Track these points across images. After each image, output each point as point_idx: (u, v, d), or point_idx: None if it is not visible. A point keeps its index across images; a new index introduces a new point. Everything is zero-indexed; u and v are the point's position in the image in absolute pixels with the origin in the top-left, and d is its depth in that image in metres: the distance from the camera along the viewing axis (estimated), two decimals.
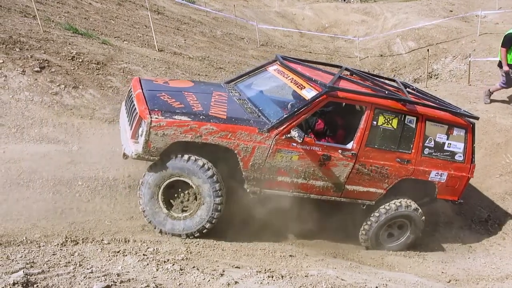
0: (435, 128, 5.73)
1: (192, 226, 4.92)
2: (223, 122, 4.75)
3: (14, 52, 7.21)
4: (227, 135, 4.71)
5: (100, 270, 3.58)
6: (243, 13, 18.82)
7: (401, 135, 5.50)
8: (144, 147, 4.54)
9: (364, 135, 5.29)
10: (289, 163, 5.08)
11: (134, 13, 13.48)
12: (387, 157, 5.48)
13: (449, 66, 14.20)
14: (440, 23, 16.60)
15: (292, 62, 6.25)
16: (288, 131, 4.92)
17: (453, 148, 5.85)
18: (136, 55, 9.37)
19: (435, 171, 5.78)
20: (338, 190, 5.48)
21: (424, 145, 5.66)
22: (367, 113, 5.28)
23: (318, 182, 5.33)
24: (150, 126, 4.47)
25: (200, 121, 4.65)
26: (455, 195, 6.12)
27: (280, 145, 4.95)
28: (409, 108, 5.46)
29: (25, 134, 6.04)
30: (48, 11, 10.14)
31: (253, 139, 4.83)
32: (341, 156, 5.25)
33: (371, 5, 22.09)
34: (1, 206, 4.83)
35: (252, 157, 4.90)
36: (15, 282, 2.99)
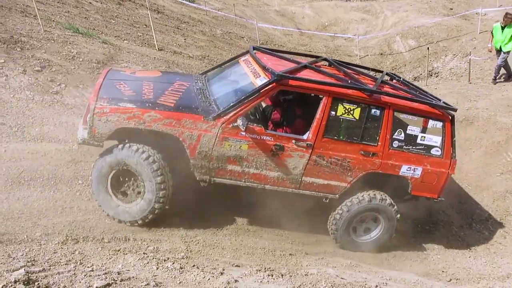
0: (406, 119, 5.43)
1: (141, 211, 4.95)
2: (168, 109, 4.79)
3: (15, 51, 7.23)
4: (171, 123, 4.75)
5: (101, 269, 3.60)
6: (242, 12, 18.81)
7: (364, 126, 5.19)
8: (89, 133, 4.73)
9: (321, 125, 5.05)
10: (239, 152, 4.96)
11: (134, 12, 13.48)
12: (349, 149, 5.19)
13: (449, 64, 14.20)
14: (440, 21, 16.59)
15: (264, 52, 6.14)
16: (235, 120, 4.83)
17: (428, 141, 5.44)
18: (136, 54, 9.38)
19: (407, 165, 5.39)
20: (295, 182, 5.26)
21: (393, 137, 5.31)
22: (323, 102, 5.03)
23: (272, 172, 5.16)
24: (94, 112, 4.67)
25: (144, 108, 4.74)
26: (433, 193, 5.67)
27: (227, 134, 4.87)
28: (373, 98, 5.13)
29: (26, 133, 6.07)
30: (48, 11, 10.15)
31: (198, 127, 4.81)
32: (295, 146, 5.05)
33: (371, 3, 22.05)
34: (2, 204, 4.85)
35: (198, 145, 4.85)
36: (16, 280, 3.01)
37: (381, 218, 5.64)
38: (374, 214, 5.64)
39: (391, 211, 5.55)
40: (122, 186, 5.03)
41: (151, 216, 4.97)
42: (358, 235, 5.80)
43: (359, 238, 5.79)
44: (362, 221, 5.73)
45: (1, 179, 5.21)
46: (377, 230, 5.75)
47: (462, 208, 7.57)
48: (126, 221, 5.00)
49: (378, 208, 5.54)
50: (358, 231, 5.79)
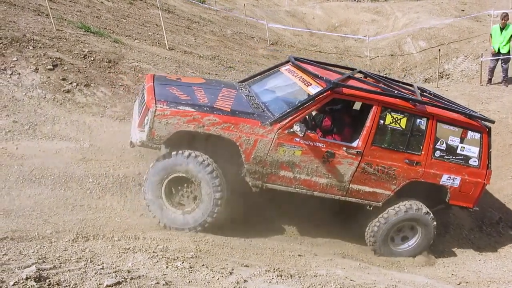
0: (448, 130, 5.55)
1: (193, 221, 4.98)
2: (226, 114, 4.86)
3: (28, 50, 7.29)
4: (229, 127, 4.80)
5: (111, 267, 3.62)
6: (253, 12, 18.82)
7: (410, 136, 5.36)
8: (148, 135, 4.74)
9: (370, 134, 5.20)
10: (292, 158, 5.05)
11: (145, 12, 13.55)
12: (395, 157, 5.34)
13: (460, 66, 14.09)
14: (452, 22, 16.47)
15: (304, 62, 6.26)
16: (291, 126, 4.91)
17: (467, 152, 5.62)
18: (147, 54, 9.43)
19: (447, 175, 5.54)
20: (343, 189, 5.38)
21: (435, 147, 5.47)
22: (373, 111, 5.20)
23: (321, 179, 5.25)
24: (155, 115, 4.67)
25: (203, 112, 4.80)
26: (469, 202, 5.82)
27: (282, 139, 4.95)
28: (418, 108, 5.33)
29: (37, 131, 6.12)
30: (60, 10, 10.24)
31: (255, 132, 4.87)
32: (345, 153, 5.16)
33: (382, 4, 21.95)
34: (14, 201, 4.89)
35: (254, 150, 4.92)
36: (28, 276, 3.03)
37: (418, 227, 5.74)
38: (411, 224, 5.74)
39: (427, 219, 5.65)
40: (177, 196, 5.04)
41: (210, 219, 4.97)
42: (396, 245, 5.88)
43: (397, 248, 5.88)
44: (399, 230, 5.82)
45: (13, 176, 5.25)
46: (415, 238, 5.84)
47: (473, 211, 7.49)
48: (196, 225, 5.00)
49: (414, 218, 5.64)
50: (396, 240, 5.87)
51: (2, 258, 3.49)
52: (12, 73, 6.77)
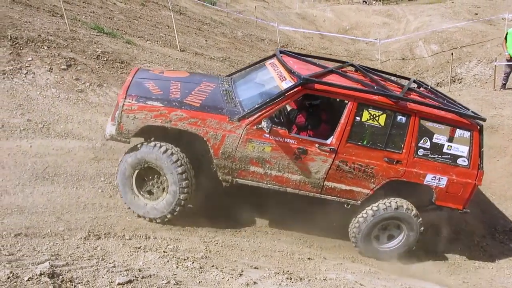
0: (432, 128, 5.33)
1: (162, 209, 5.02)
2: (194, 109, 4.86)
3: (42, 50, 7.39)
4: (197, 122, 4.82)
5: (122, 265, 3.65)
6: (263, 15, 18.86)
7: (389, 133, 5.14)
8: (117, 129, 4.86)
9: (345, 131, 5.03)
10: (262, 153, 4.98)
11: (157, 13, 13.66)
12: (373, 155, 5.15)
13: (473, 70, 13.96)
14: (465, 26, 16.35)
15: (290, 56, 6.14)
16: (260, 122, 4.85)
17: (455, 151, 5.33)
18: (158, 55, 9.50)
19: (432, 174, 5.29)
20: (317, 186, 5.24)
21: (418, 145, 5.23)
22: (348, 108, 5.02)
23: (294, 176, 5.15)
24: (122, 109, 4.79)
25: (171, 107, 4.83)
26: (458, 203, 5.53)
27: (251, 135, 4.90)
28: (399, 105, 5.09)
29: (51, 129, 6.19)
30: (74, 11, 10.36)
31: (223, 128, 4.86)
32: (318, 150, 5.04)
33: (393, 7, 21.88)
34: (28, 198, 4.95)
35: (222, 145, 4.91)
36: (41, 272, 3.07)
37: (402, 225, 5.54)
38: (397, 223, 5.55)
39: (410, 217, 5.43)
40: (147, 185, 5.10)
41: (178, 208, 5.00)
42: (380, 243, 5.70)
43: (381, 246, 5.70)
44: (384, 228, 5.64)
45: (26, 173, 5.33)
46: (399, 239, 5.65)
47: (485, 217, 7.41)
48: (156, 218, 5.05)
49: (402, 217, 5.44)
50: (380, 239, 5.70)
51: (17, 253, 3.55)
52: (27, 72, 6.86)
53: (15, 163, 5.41)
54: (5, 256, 3.47)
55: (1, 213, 4.60)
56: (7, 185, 5.06)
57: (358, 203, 5.42)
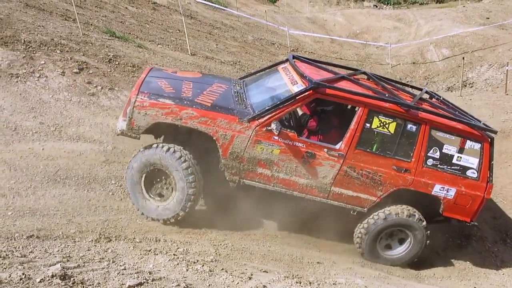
0: (443, 138, 5.26)
1: (166, 212, 5.08)
2: (205, 108, 4.91)
3: (55, 53, 7.49)
4: (207, 121, 4.86)
5: (133, 268, 3.67)
6: (274, 19, 18.90)
7: (399, 141, 5.13)
8: (128, 124, 4.92)
9: (354, 137, 5.03)
10: (270, 156, 5.00)
11: (168, 17, 13.76)
12: (381, 163, 5.13)
13: (484, 74, 13.85)
14: (476, 30, 16.23)
15: (303, 61, 6.15)
16: (269, 124, 4.87)
17: (465, 162, 5.27)
18: (169, 59, 9.57)
19: (440, 185, 5.24)
20: (324, 191, 5.23)
21: (427, 155, 5.19)
22: (358, 114, 5.04)
23: (301, 179, 5.15)
24: (134, 105, 4.86)
25: (182, 105, 4.88)
26: (466, 216, 5.45)
27: (260, 137, 4.93)
28: (410, 113, 5.08)
29: (63, 132, 6.26)
30: (87, 15, 10.49)
31: (233, 128, 4.89)
32: (327, 155, 5.04)
33: (404, 12, 21.80)
34: (40, 200, 5.01)
35: (231, 146, 4.93)
36: (53, 274, 3.11)
37: (410, 237, 5.49)
38: (402, 230, 5.50)
39: (417, 226, 5.37)
40: (156, 188, 5.15)
41: (189, 204, 5.03)
42: (386, 250, 5.66)
43: (386, 253, 5.66)
44: (390, 235, 5.61)
45: (38, 176, 5.39)
46: (403, 248, 5.60)
47: (496, 223, 7.34)
48: (170, 218, 5.09)
49: (412, 226, 5.39)
50: (386, 246, 5.66)
51: (29, 255, 3.59)
52: (40, 76, 6.95)
53: (27, 165, 5.48)
54: (18, 258, 3.51)
55: (13, 215, 4.66)
56: (19, 187, 5.13)
57: (365, 210, 5.39)
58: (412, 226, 5.39)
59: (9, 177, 5.22)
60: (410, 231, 5.45)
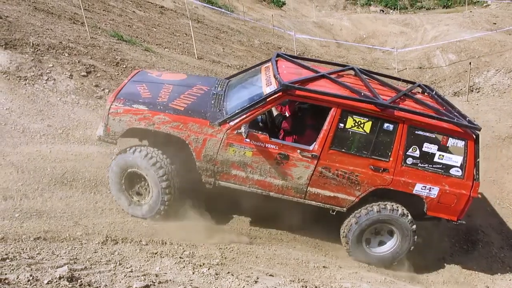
0: (422, 136, 5.09)
1: (149, 210, 5.19)
2: (177, 113, 4.98)
3: (63, 57, 7.55)
4: (179, 126, 4.93)
5: (139, 270, 3.68)
6: (280, 23, 18.96)
7: (375, 141, 5.02)
8: (105, 131, 5.07)
9: (328, 137, 4.97)
10: (243, 158, 5.02)
11: (175, 21, 13.84)
12: (358, 163, 5.05)
13: (491, 80, 13.78)
14: (483, 35, 16.17)
15: (288, 60, 6.05)
16: (240, 127, 4.89)
17: (447, 160, 5.13)
18: (176, 62, 9.62)
19: (422, 184, 5.12)
20: (300, 192, 5.22)
21: (406, 154, 5.07)
22: (331, 114, 4.95)
23: (276, 180, 5.15)
24: (109, 112, 4.99)
25: (155, 110, 4.97)
26: (452, 214, 5.32)
27: (232, 140, 4.95)
28: (386, 112, 4.96)
29: (70, 135, 6.30)
30: (95, 19, 10.57)
31: (204, 132, 4.94)
32: (300, 156, 5.01)
33: (411, 17, 21.78)
34: (47, 203, 5.04)
35: (203, 149, 4.99)
36: (61, 276, 3.13)
37: (397, 233, 5.40)
38: (388, 226, 5.40)
39: (405, 222, 5.28)
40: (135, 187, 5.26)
41: (163, 207, 5.14)
42: (372, 248, 5.57)
43: (373, 251, 5.56)
44: (376, 233, 5.53)
45: (45, 178, 5.43)
46: (390, 245, 5.50)
47: (503, 228, 7.28)
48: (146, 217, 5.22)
49: (389, 219, 5.29)
50: (372, 243, 5.57)
51: (36, 257, 3.61)
52: (48, 78, 7.01)
53: (35, 167, 5.52)
54: (25, 259, 3.53)
55: (20, 217, 4.69)
56: (26, 190, 5.16)
57: (344, 210, 5.36)
58: (396, 221, 5.30)
59: (17, 179, 5.26)
60: (396, 227, 5.36)
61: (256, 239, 5.50)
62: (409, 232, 5.33)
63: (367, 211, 5.28)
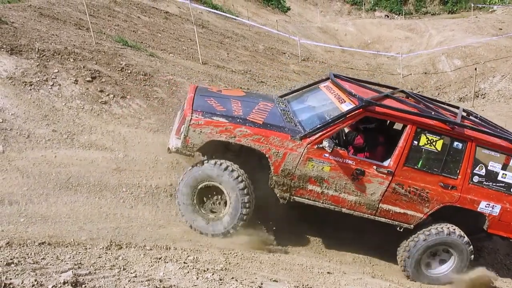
0: (488, 155, 5.33)
1: (218, 229, 5.17)
2: (258, 126, 5.02)
3: (68, 62, 7.59)
4: (260, 139, 4.96)
5: (143, 275, 3.67)
6: (285, 28, 19.01)
7: (445, 159, 5.21)
8: (183, 142, 5.02)
9: (403, 154, 5.12)
10: (321, 173, 5.08)
11: (180, 26, 13.90)
12: (429, 180, 5.21)
13: (497, 85, 13.75)
14: (489, 41, 16.15)
15: (343, 79, 6.25)
16: (321, 141, 4.95)
17: (509, 179, 5.36)
18: (181, 68, 9.64)
19: (486, 201, 5.32)
20: (372, 208, 5.32)
21: (473, 172, 5.28)
22: (407, 132, 5.15)
23: (350, 196, 5.23)
24: (190, 124, 4.96)
25: (236, 123, 5.00)
26: (511, 232, 5.55)
27: (311, 154, 5.02)
28: (456, 131, 5.18)
29: (75, 140, 6.32)
30: (100, 24, 10.64)
31: (285, 145, 4.98)
32: (376, 172, 5.13)
33: (416, 22, 21.78)
34: (51, 207, 5.05)
35: (283, 163, 5.03)
36: (65, 281, 3.12)
37: (452, 251, 5.50)
38: (445, 248, 5.52)
39: (460, 243, 5.40)
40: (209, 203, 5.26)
41: (232, 231, 5.17)
42: (431, 269, 5.66)
43: (431, 273, 5.65)
44: (434, 254, 5.61)
45: (50, 183, 5.44)
46: (448, 265, 5.60)
47: None
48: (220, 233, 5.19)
49: (454, 243, 5.43)
50: (431, 265, 5.66)
51: (41, 262, 3.61)
52: (53, 84, 7.04)
53: (40, 172, 5.54)
54: (30, 264, 3.53)
55: (25, 222, 4.70)
56: (31, 194, 5.18)
57: (411, 227, 5.44)
58: (453, 244, 5.42)
59: (22, 184, 5.27)
60: (453, 249, 5.47)
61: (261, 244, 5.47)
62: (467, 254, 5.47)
63: (437, 231, 5.37)
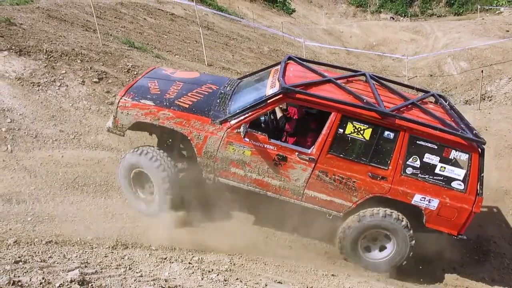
0: (424, 147, 4.97)
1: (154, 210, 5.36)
2: (181, 110, 5.16)
3: (76, 63, 7.65)
4: (182, 122, 5.12)
5: (149, 275, 3.70)
6: (290, 30, 19.02)
7: (375, 148, 4.97)
8: (113, 123, 5.34)
9: (326, 141, 4.98)
10: (242, 156, 5.13)
11: (185, 28, 13.96)
12: (356, 169, 5.02)
13: (504, 88, 13.66)
14: (495, 43, 16.06)
15: (298, 63, 6.05)
16: (240, 126, 4.98)
17: (449, 173, 4.99)
18: (186, 69, 9.68)
19: (421, 195, 5.03)
20: (297, 194, 5.25)
21: (406, 163, 4.99)
22: (331, 119, 4.95)
23: (274, 180, 5.21)
24: (118, 105, 5.26)
25: (161, 106, 5.18)
26: (452, 228, 5.18)
27: (231, 138, 5.08)
28: (387, 120, 4.89)
29: (81, 140, 6.38)
30: (107, 26, 10.71)
31: (206, 129, 5.11)
32: (298, 158, 5.05)
33: (421, 24, 21.72)
34: (58, 207, 5.11)
35: (204, 145, 5.14)
36: (72, 279, 3.16)
37: (394, 239, 5.31)
38: (387, 234, 5.32)
39: (400, 229, 5.18)
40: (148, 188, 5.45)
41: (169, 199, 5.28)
42: (368, 253, 5.52)
43: (368, 257, 5.51)
44: (374, 239, 5.47)
45: (57, 183, 5.50)
46: (388, 251, 5.42)
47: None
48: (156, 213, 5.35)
49: (383, 225, 5.22)
50: (371, 250, 5.52)
51: (48, 260, 3.66)
52: (60, 85, 7.11)
53: (47, 172, 5.60)
54: (37, 263, 3.57)
55: (33, 221, 4.75)
56: (38, 194, 5.24)
57: (340, 215, 5.34)
58: (391, 228, 5.21)
59: (29, 183, 5.34)
60: (392, 234, 5.27)
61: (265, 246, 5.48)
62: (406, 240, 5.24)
63: (371, 213, 5.20)
